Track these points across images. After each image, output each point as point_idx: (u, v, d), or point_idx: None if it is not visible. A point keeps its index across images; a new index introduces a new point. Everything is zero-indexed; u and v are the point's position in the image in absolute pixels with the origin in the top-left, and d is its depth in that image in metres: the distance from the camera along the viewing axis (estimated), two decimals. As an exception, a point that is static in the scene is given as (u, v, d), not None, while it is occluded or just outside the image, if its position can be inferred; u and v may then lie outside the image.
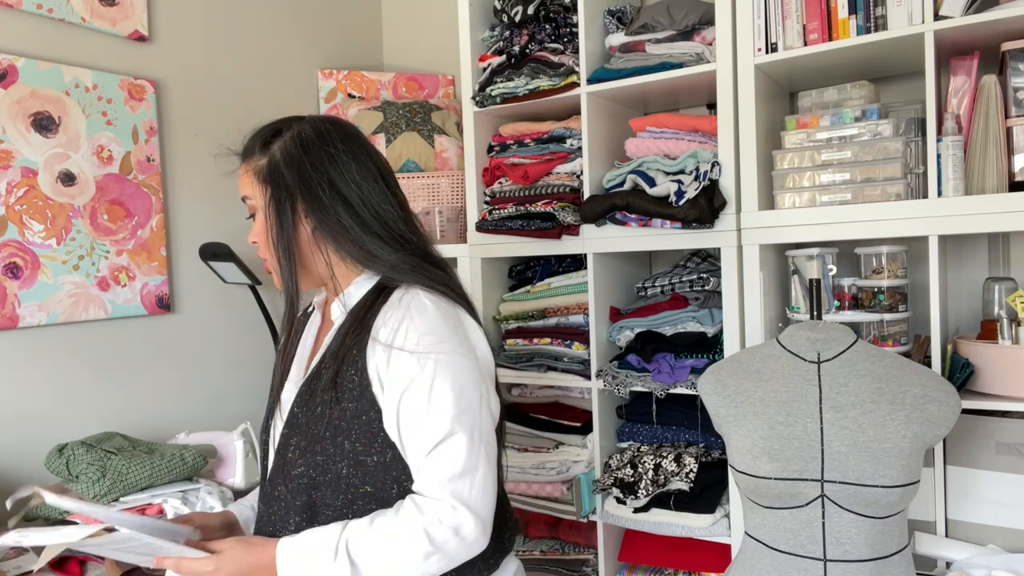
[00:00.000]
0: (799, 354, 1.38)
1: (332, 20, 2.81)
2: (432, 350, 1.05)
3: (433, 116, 2.60)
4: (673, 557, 2.01)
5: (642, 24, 1.98)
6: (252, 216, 1.20)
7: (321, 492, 1.09)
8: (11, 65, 1.86)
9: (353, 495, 1.08)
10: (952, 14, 1.59)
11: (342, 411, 1.08)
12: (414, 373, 1.04)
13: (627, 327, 2.05)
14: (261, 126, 1.23)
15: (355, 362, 1.09)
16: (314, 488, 1.09)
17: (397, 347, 1.05)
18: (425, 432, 1.04)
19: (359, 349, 1.09)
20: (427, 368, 1.04)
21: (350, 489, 1.08)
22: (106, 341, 2.06)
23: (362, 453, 1.08)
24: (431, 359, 1.05)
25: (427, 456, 1.04)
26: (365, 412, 1.08)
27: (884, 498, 1.22)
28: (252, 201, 1.18)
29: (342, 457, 1.08)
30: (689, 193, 1.82)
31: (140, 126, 2.14)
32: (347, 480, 1.08)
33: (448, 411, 1.04)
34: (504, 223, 2.14)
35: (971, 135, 1.65)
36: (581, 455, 2.14)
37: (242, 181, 1.19)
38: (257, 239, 1.19)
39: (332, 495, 1.08)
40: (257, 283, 2.23)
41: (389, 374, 1.06)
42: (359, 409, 1.08)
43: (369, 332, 1.09)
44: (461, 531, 1.01)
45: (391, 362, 1.06)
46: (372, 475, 1.08)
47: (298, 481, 1.10)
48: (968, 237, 1.90)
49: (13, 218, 1.86)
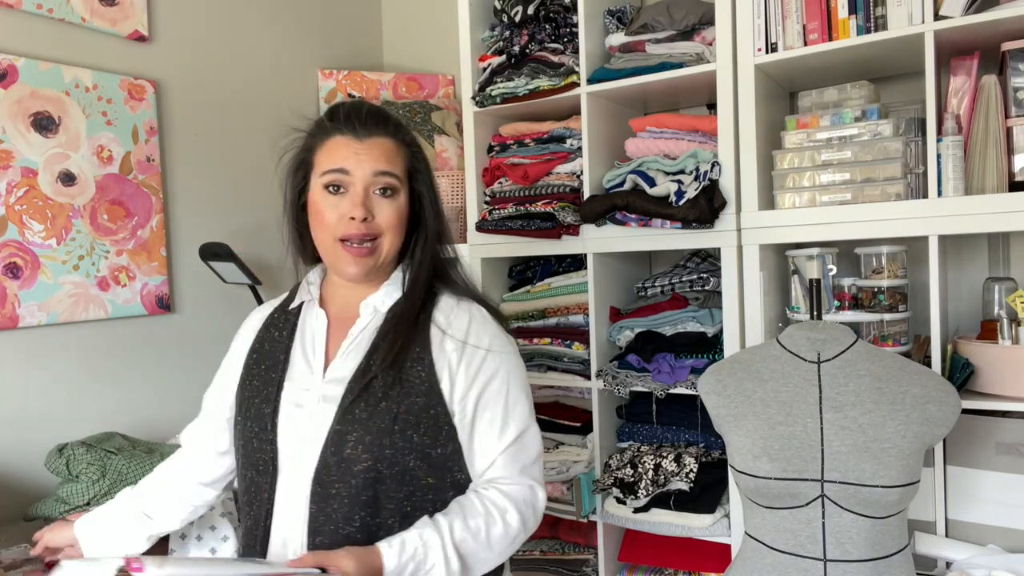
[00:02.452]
0: (799, 354, 1.38)
1: (332, 20, 2.81)
2: (503, 350, 1.18)
3: (433, 116, 2.60)
4: (673, 557, 2.01)
5: (642, 24, 1.98)
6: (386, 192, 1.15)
7: (386, 485, 1.10)
8: (11, 65, 1.86)
9: (414, 487, 1.11)
10: (952, 14, 1.59)
11: (410, 405, 1.11)
12: (492, 371, 1.15)
13: (627, 327, 2.05)
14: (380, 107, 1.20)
15: (421, 359, 1.13)
16: (379, 482, 1.10)
17: (472, 344, 1.15)
18: (509, 426, 1.15)
19: (422, 346, 1.14)
20: (503, 367, 1.16)
21: (413, 481, 1.11)
22: (106, 341, 2.06)
23: (428, 446, 1.12)
24: (504, 358, 1.17)
25: (510, 446, 1.14)
26: (433, 407, 1.12)
27: (884, 498, 1.22)
28: (395, 180, 1.16)
29: (410, 450, 1.11)
30: (689, 193, 1.82)
31: (140, 126, 2.14)
32: (412, 472, 1.11)
33: (525, 406, 1.18)
34: (504, 223, 2.14)
35: (971, 135, 1.65)
36: (581, 455, 2.14)
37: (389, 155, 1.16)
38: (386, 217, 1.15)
39: (396, 488, 1.10)
40: (257, 283, 2.23)
41: (462, 369, 1.14)
42: (428, 403, 1.12)
43: (429, 330, 1.16)
44: (537, 507, 1.16)
45: (464, 358, 1.15)
46: (435, 467, 1.13)
47: (364, 476, 1.09)
48: (968, 237, 1.90)
49: (13, 218, 1.86)
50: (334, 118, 1.17)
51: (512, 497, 1.12)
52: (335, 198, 1.14)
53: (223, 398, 1.29)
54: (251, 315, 1.34)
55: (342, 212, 1.14)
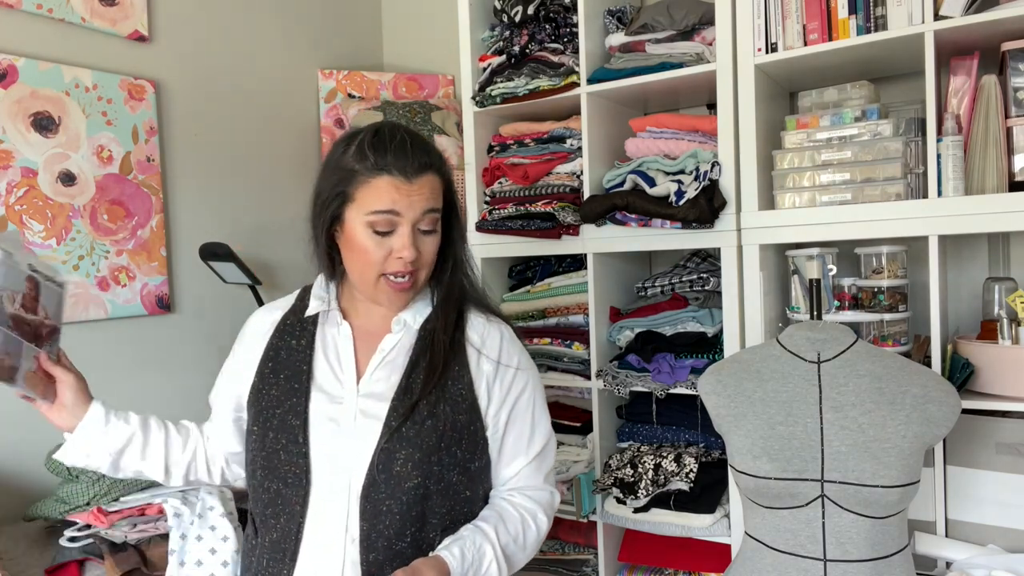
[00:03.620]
0: (799, 354, 1.38)
1: (332, 20, 2.81)
2: (529, 368, 1.27)
3: (433, 116, 2.60)
4: (673, 557, 2.01)
5: (642, 24, 1.98)
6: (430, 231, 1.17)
7: (432, 501, 1.15)
8: (11, 65, 1.86)
9: (455, 500, 1.17)
10: (952, 14, 1.59)
11: (454, 422, 1.16)
12: (521, 388, 1.24)
13: (627, 327, 2.05)
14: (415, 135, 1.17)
15: (460, 377, 1.19)
16: (427, 498, 1.14)
17: (504, 363, 1.23)
18: (535, 439, 1.25)
19: (461, 364, 1.20)
20: (530, 384, 1.26)
21: (455, 495, 1.17)
22: (106, 341, 2.06)
23: (468, 460, 1.18)
24: (530, 375, 1.27)
25: (539, 456, 1.25)
26: (473, 422, 1.19)
27: (884, 498, 1.22)
28: (437, 215, 1.18)
29: (454, 466, 1.16)
30: (689, 193, 1.82)
31: (140, 126, 2.14)
32: (455, 487, 1.17)
33: (547, 420, 1.28)
34: (504, 223, 2.14)
35: (971, 135, 1.65)
36: (581, 455, 2.14)
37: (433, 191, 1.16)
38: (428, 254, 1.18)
39: (440, 502, 1.15)
40: (257, 283, 2.23)
41: (497, 387, 1.22)
42: (469, 420, 1.18)
43: (465, 348, 1.22)
44: (554, 508, 1.29)
45: (499, 376, 1.22)
46: (473, 480, 1.20)
47: (414, 492, 1.13)
48: (968, 237, 1.89)
49: (13, 218, 1.86)
50: (381, 156, 1.12)
51: (540, 502, 1.24)
52: (380, 237, 1.13)
53: (230, 399, 1.29)
54: (253, 318, 1.32)
55: (389, 250, 1.14)
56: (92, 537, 1.56)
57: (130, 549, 1.56)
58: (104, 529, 1.56)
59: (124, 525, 1.57)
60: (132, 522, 1.58)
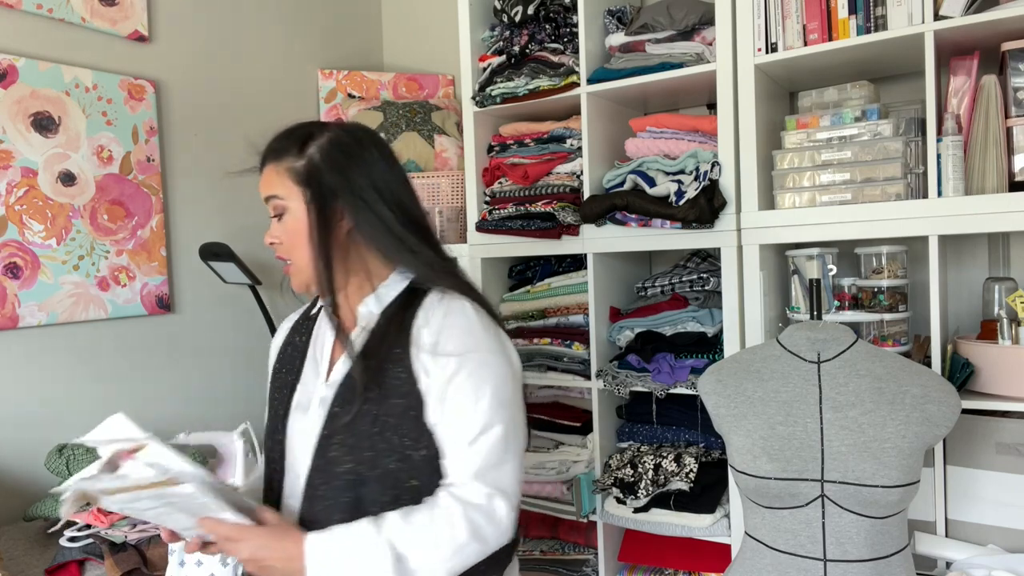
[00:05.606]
0: (799, 354, 1.38)
1: (332, 20, 2.81)
2: (473, 349, 1.12)
3: (433, 116, 2.60)
4: (673, 557, 2.01)
5: (642, 24, 1.98)
6: (278, 216, 1.21)
7: (368, 488, 1.11)
8: (11, 65, 1.86)
9: (399, 490, 1.11)
10: (952, 14, 1.59)
11: (390, 407, 1.11)
12: (453, 372, 1.10)
13: (627, 327, 2.05)
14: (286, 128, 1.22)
15: (401, 360, 1.13)
16: (361, 484, 1.11)
17: (441, 350, 1.11)
18: (467, 424, 1.10)
19: (403, 347, 1.13)
20: (468, 366, 1.11)
21: (398, 484, 1.11)
22: (106, 341, 2.06)
23: (410, 448, 1.11)
24: (472, 358, 1.12)
25: (468, 446, 1.09)
26: (413, 408, 1.11)
27: (884, 498, 1.22)
28: (281, 201, 1.19)
29: (390, 452, 1.11)
30: (689, 193, 1.82)
31: (140, 126, 2.14)
32: (395, 475, 1.11)
33: (488, 405, 1.10)
34: (504, 223, 2.14)
35: (971, 135, 1.65)
36: (581, 455, 2.14)
37: (270, 181, 1.20)
38: (280, 239, 1.20)
39: (379, 491, 1.11)
40: (257, 283, 2.23)
41: (434, 372, 1.11)
42: (408, 405, 1.11)
43: (410, 331, 1.14)
44: (495, 516, 1.08)
45: (436, 361, 1.11)
46: (419, 469, 1.12)
47: (344, 478, 1.11)
48: (968, 237, 1.90)
49: (13, 218, 1.86)
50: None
51: (461, 500, 1.07)
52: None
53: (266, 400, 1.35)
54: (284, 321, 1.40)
55: None
56: (92, 537, 1.56)
57: (130, 549, 1.56)
58: (104, 529, 1.56)
59: (124, 525, 1.57)
60: (132, 522, 1.59)
